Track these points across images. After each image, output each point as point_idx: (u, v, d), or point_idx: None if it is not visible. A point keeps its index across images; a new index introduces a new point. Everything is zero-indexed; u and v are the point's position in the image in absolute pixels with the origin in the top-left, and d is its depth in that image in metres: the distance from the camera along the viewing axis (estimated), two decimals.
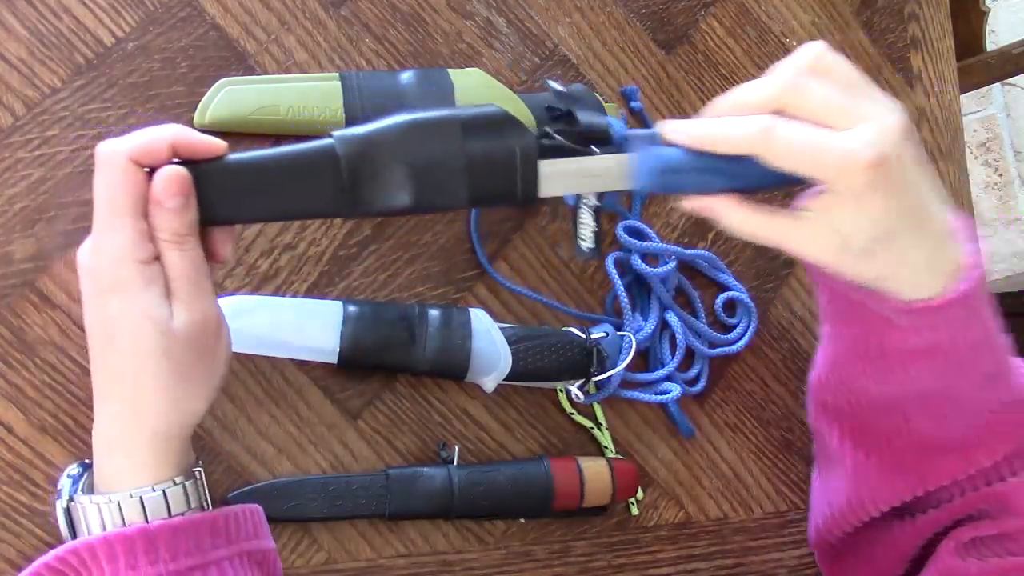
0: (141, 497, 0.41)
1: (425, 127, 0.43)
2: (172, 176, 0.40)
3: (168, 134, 0.40)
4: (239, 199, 0.42)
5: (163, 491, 0.41)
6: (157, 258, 0.40)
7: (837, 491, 0.61)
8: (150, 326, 0.40)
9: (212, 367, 0.43)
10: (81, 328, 0.49)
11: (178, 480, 0.42)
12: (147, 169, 0.40)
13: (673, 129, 0.44)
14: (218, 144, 0.41)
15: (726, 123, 0.43)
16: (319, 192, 0.42)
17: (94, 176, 0.40)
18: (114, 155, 0.40)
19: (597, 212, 0.49)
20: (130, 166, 0.39)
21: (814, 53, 0.44)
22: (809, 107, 0.43)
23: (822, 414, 0.62)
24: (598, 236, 0.49)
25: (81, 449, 0.48)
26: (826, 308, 0.56)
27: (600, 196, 0.49)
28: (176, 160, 0.41)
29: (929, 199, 0.45)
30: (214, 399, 0.43)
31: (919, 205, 0.44)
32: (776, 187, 0.45)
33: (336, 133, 0.42)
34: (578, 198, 0.49)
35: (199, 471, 0.44)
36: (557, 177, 0.45)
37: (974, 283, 0.45)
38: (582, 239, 0.49)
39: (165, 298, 0.40)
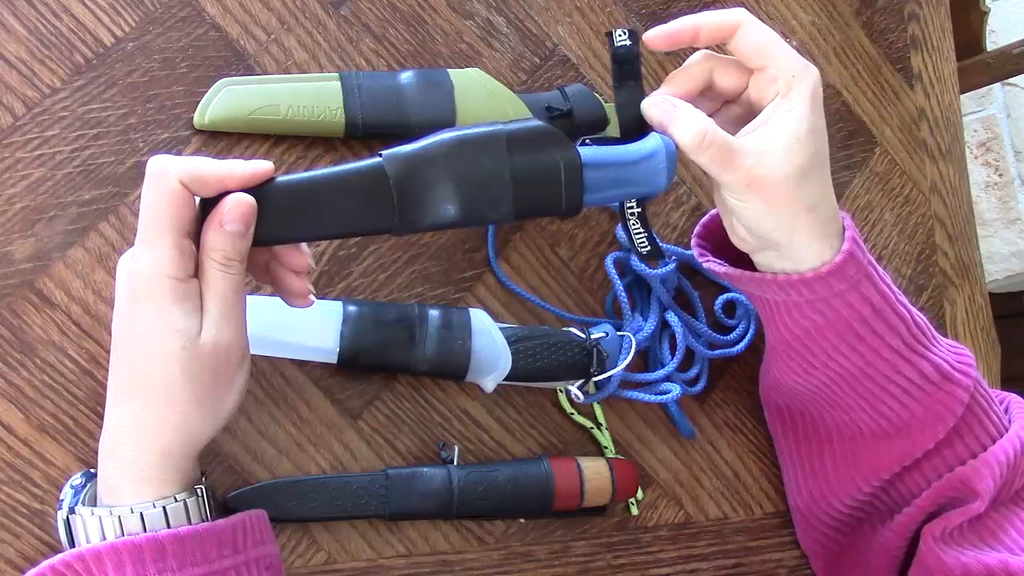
0: (142, 513, 0.41)
1: (471, 143, 0.44)
2: (241, 204, 0.41)
3: (221, 171, 0.41)
4: (289, 219, 0.43)
5: (164, 508, 0.41)
6: (193, 276, 0.41)
7: (800, 490, 0.62)
8: (175, 338, 0.40)
9: (227, 395, 0.43)
10: (80, 328, 0.49)
11: (179, 497, 0.42)
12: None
13: (655, 33, 0.51)
14: (265, 168, 0.42)
15: (706, 14, 0.51)
16: (369, 211, 0.43)
17: (143, 187, 0.41)
18: (166, 173, 0.40)
19: (643, 217, 0.50)
20: (180, 188, 0.40)
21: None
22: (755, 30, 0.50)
23: (776, 417, 0.63)
24: (653, 238, 0.50)
25: (80, 449, 0.48)
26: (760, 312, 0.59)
27: (640, 202, 0.50)
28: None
29: None
30: (221, 427, 0.44)
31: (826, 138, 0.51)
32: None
33: (385, 152, 0.43)
34: (622, 207, 0.49)
35: (201, 488, 0.44)
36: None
37: (855, 244, 0.51)
38: (641, 246, 0.50)
39: (196, 315, 0.41)
